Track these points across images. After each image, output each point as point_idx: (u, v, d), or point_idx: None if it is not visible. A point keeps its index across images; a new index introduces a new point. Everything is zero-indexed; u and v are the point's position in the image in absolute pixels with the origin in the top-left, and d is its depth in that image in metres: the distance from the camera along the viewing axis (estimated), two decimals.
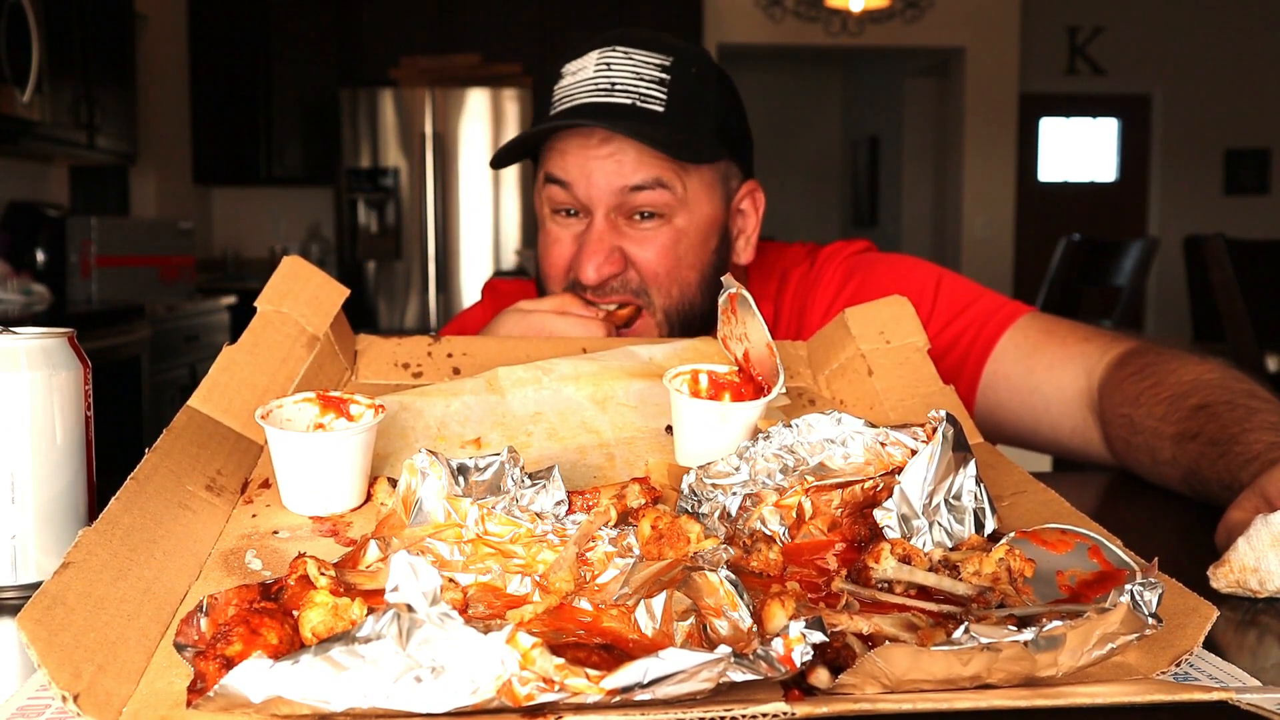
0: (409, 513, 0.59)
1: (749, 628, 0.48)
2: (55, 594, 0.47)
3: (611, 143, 1.02)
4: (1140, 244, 3.62)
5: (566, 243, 1.07)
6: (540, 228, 1.12)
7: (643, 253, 1.05)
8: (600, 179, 1.03)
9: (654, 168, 1.03)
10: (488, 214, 5.10)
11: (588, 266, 1.03)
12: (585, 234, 1.05)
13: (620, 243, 1.04)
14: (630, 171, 1.03)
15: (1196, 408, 0.85)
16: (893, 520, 0.58)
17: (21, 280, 3.45)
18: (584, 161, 1.03)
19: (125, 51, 4.22)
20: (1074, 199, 7.49)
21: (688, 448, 0.72)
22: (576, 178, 1.04)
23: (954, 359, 1.09)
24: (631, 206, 1.04)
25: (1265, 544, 0.61)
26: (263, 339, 0.78)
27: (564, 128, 1.04)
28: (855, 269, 1.16)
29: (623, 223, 1.05)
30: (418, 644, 0.40)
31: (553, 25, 5.37)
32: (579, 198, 1.04)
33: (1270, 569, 0.61)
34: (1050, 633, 0.44)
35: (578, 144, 1.04)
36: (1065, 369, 1.02)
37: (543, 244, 1.10)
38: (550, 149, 1.06)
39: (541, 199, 1.09)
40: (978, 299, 1.10)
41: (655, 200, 1.03)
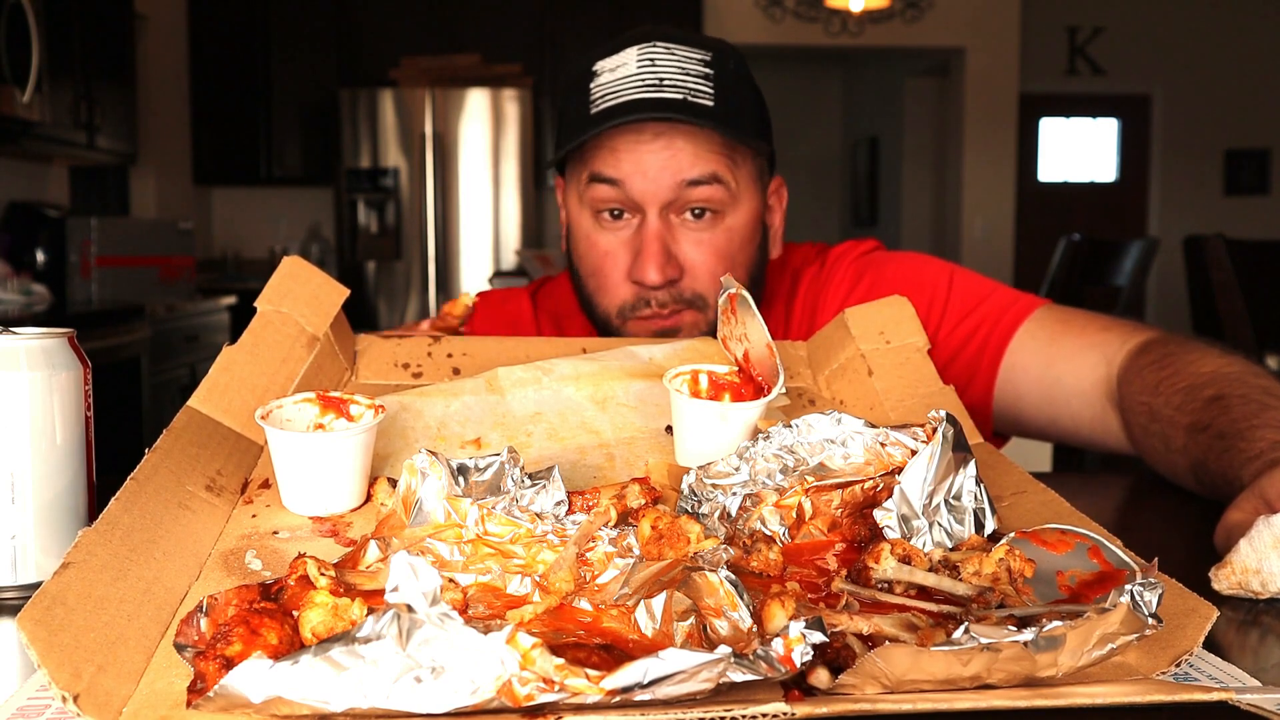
0: (409, 513, 0.59)
1: (749, 628, 0.48)
2: (55, 594, 0.47)
3: (664, 137, 1.01)
4: (1140, 244, 3.62)
5: (620, 250, 1.05)
6: (578, 235, 1.09)
7: (697, 255, 1.04)
8: (655, 175, 1.01)
9: (710, 162, 1.02)
10: (487, 214, 5.10)
11: (650, 269, 1.01)
12: (640, 235, 1.03)
13: (673, 246, 1.03)
14: (688, 166, 1.01)
15: (1211, 399, 0.84)
16: (893, 520, 0.58)
17: (21, 280, 3.45)
18: (638, 157, 1.01)
19: (125, 51, 4.23)
20: (1074, 199, 7.49)
21: (688, 448, 0.72)
22: (629, 174, 1.02)
23: (970, 354, 1.08)
24: (685, 203, 1.02)
25: (1267, 545, 0.61)
26: (263, 339, 0.78)
27: (621, 125, 1.01)
28: (866, 268, 1.15)
29: (675, 221, 1.04)
30: (418, 644, 0.40)
31: (553, 25, 5.37)
32: (631, 195, 1.02)
33: (1272, 570, 0.61)
34: (1050, 633, 0.44)
35: (629, 140, 1.02)
36: (1085, 358, 1.01)
37: (589, 255, 1.08)
38: (596, 148, 1.04)
39: (581, 202, 1.07)
40: (991, 293, 1.10)
41: (711, 196, 1.02)
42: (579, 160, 1.06)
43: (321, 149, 5.29)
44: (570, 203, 1.10)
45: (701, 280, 1.04)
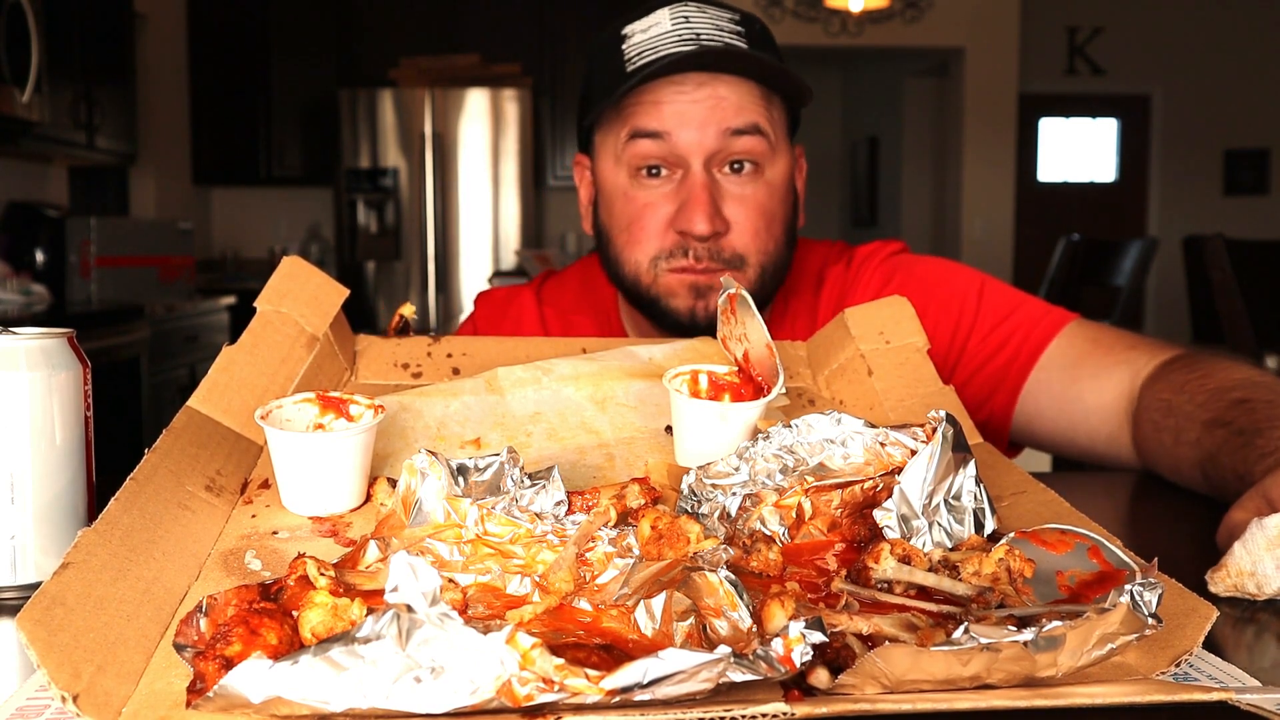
0: (409, 513, 0.59)
1: (749, 628, 0.48)
2: (55, 594, 0.47)
3: (708, 87, 1.01)
4: (1139, 244, 3.62)
5: (660, 202, 1.04)
6: (611, 196, 1.08)
7: (740, 212, 1.03)
8: (700, 124, 1.01)
9: (753, 111, 1.02)
10: (487, 214, 5.10)
11: (698, 217, 1.00)
12: (685, 186, 1.03)
13: (719, 200, 1.03)
14: (732, 114, 1.01)
15: (1237, 400, 0.84)
16: (892, 520, 0.58)
17: (21, 280, 3.45)
18: (681, 109, 1.01)
19: (125, 51, 4.22)
20: (1073, 199, 7.50)
21: (688, 448, 0.72)
22: (674, 126, 1.01)
23: (997, 366, 1.08)
24: (728, 154, 1.02)
25: (1261, 547, 0.61)
26: (262, 339, 0.78)
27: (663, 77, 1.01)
28: (895, 270, 1.15)
29: (718, 175, 1.03)
30: (417, 644, 0.40)
31: (552, 25, 5.37)
32: (675, 148, 1.02)
33: (1267, 572, 0.61)
34: (1050, 633, 0.44)
35: (672, 92, 1.02)
36: (1110, 375, 1.01)
37: (625, 209, 1.06)
38: (636, 104, 1.03)
39: (616, 162, 1.06)
40: (1021, 305, 1.10)
41: (753, 147, 1.02)
42: (616, 120, 1.06)
43: (321, 149, 5.29)
44: (603, 166, 1.09)
45: (744, 238, 1.04)
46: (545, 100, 5.38)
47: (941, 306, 1.11)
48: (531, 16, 5.35)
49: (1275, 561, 0.61)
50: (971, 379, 1.09)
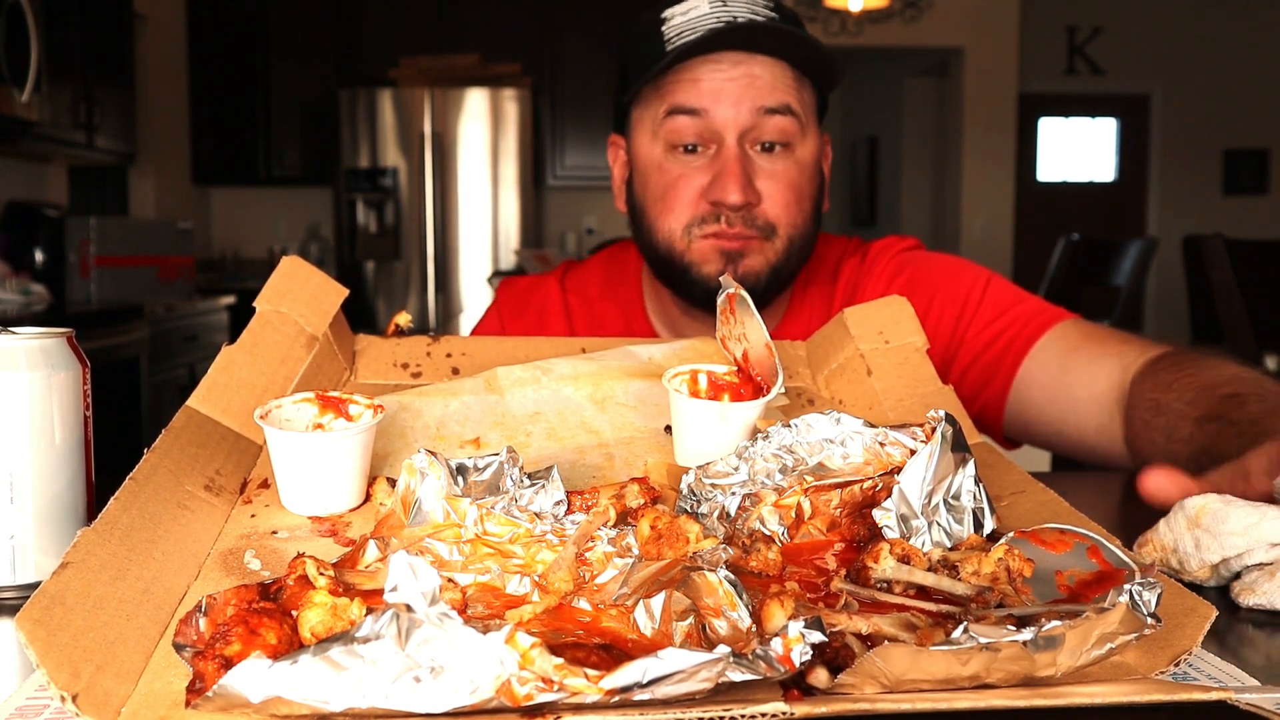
0: (408, 513, 0.59)
1: (748, 627, 0.48)
2: (54, 594, 0.47)
3: (744, 65, 1.04)
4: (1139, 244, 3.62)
5: (694, 174, 1.07)
6: (646, 169, 1.10)
7: (771, 185, 1.06)
8: (734, 100, 1.04)
9: (785, 92, 1.05)
10: (487, 214, 5.10)
11: (732, 188, 1.03)
12: (719, 159, 1.05)
13: (751, 173, 1.05)
14: (766, 93, 1.04)
15: (1228, 396, 0.85)
16: (891, 520, 0.58)
17: (20, 280, 3.45)
18: (718, 85, 1.04)
19: (124, 51, 4.22)
20: (1073, 199, 7.50)
21: (687, 448, 0.72)
22: (709, 103, 1.04)
23: (992, 356, 1.10)
24: (761, 133, 1.05)
25: (1181, 527, 0.63)
26: (262, 339, 0.78)
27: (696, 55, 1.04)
28: (905, 265, 1.17)
29: (750, 152, 1.06)
30: (417, 644, 0.40)
31: (552, 25, 5.37)
32: (712, 123, 1.05)
33: (1186, 551, 0.62)
34: (1049, 632, 0.44)
35: (709, 70, 1.05)
36: (1101, 366, 1.03)
37: (659, 181, 1.09)
38: (675, 82, 1.06)
39: (653, 138, 1.08)
40: (1022, 300, 1.12)
41: (785, 127, 1.05)
42: (654, 97, 1.08)
43: (321, 149, 5.29)
44: (639, 142, 1.11)
45: (776, 209, 1.06)
46: (545, 100, 5.38)
47: (947, 299, 1.13)
48: (531, 16, 5.35)
49: (1194, 541, 0.62)
50: (968, 370, 1.11)
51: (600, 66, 5.34)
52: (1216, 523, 0.61)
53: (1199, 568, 0.63)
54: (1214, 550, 0.61)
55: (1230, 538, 0.61)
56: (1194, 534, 0.62)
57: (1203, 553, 0.62)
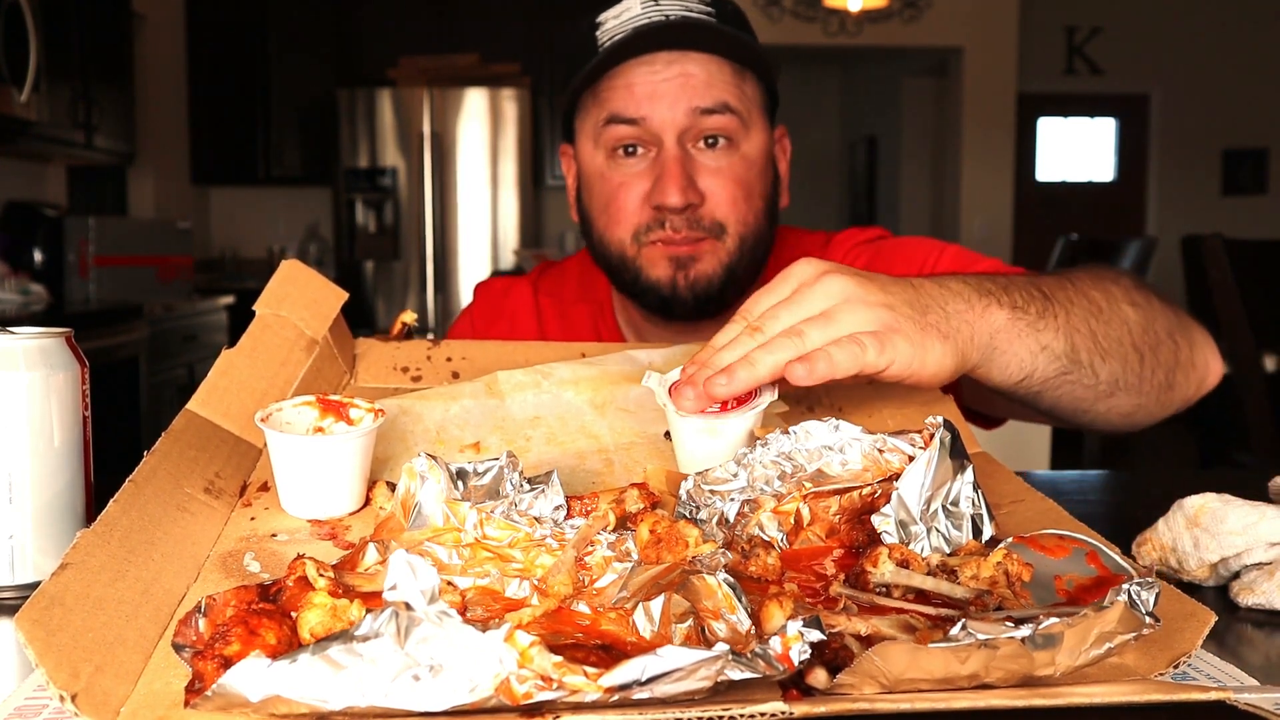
0: (408, 516, 0.59)
1: (747, 630, 0.48)
2: (53, 594, 0.47)
3: (677, 64, 1.03)
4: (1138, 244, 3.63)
5: (635, 180, 1.05)
6: (590, 179, 1.09)
7: (716, 183, 1.04)
8: (669, 102, 1.02)
9: (721, 90, 1.03)
10: (486, 214, 5.10)
11: (671, 191, 1.01)
12: (658, 161, 1.04)
13: (693, 173, 1.04)
14: (701, 92, 1.02)
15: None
16: (890, 526, 0.58)
17: (19, 280, 3.45)
18: (653, 87, 1.03)
19: (123, 51, 4.22)
20: (1072, 199, 7.50)
21: (686, 457, 0.72)
22: (644, 107, 1.03)
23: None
24: (700, 131, 1.03)
25: (1180, 526, 0.63)
26: (261, 342, 0.78)
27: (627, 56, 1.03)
28: (863, 254, 1.16)
29: (692, 150, 1.04)
30: (416, 642, 0.40)
31: (551, 25, 5.37)
32: (648, 128, 1.03)
33: (1185, 550, 0.62)
34: (1048, 630, 0.44)
35: (643, 73, 1.03)
36: None
37: (602, 190, 1.07)
38: (610, 87, 1.05)
39: (594, 146, 1.07)
40: (977, 261, 1.11)
41: (724, 125, 1.03)
42: (593, 105, 1.07)
43: (320, 149, 5.29)
44: (583, 151, 1.10)
45: (722, 207, 1.04)
46: (544, 100, 5.38)
47: (905, 270, 1.11)
48: (531, 16, 5.35)
49: (1193, 540, 0.62)
50: None
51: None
52: (1215, 522, 0.61)
53: (1198, 567, 0.63)
54: (1213, 550, 0.62)
55: (1229, 537, 0.61)
56: (1193, 533, 0.62)
57: (1202, 552, 0.62)
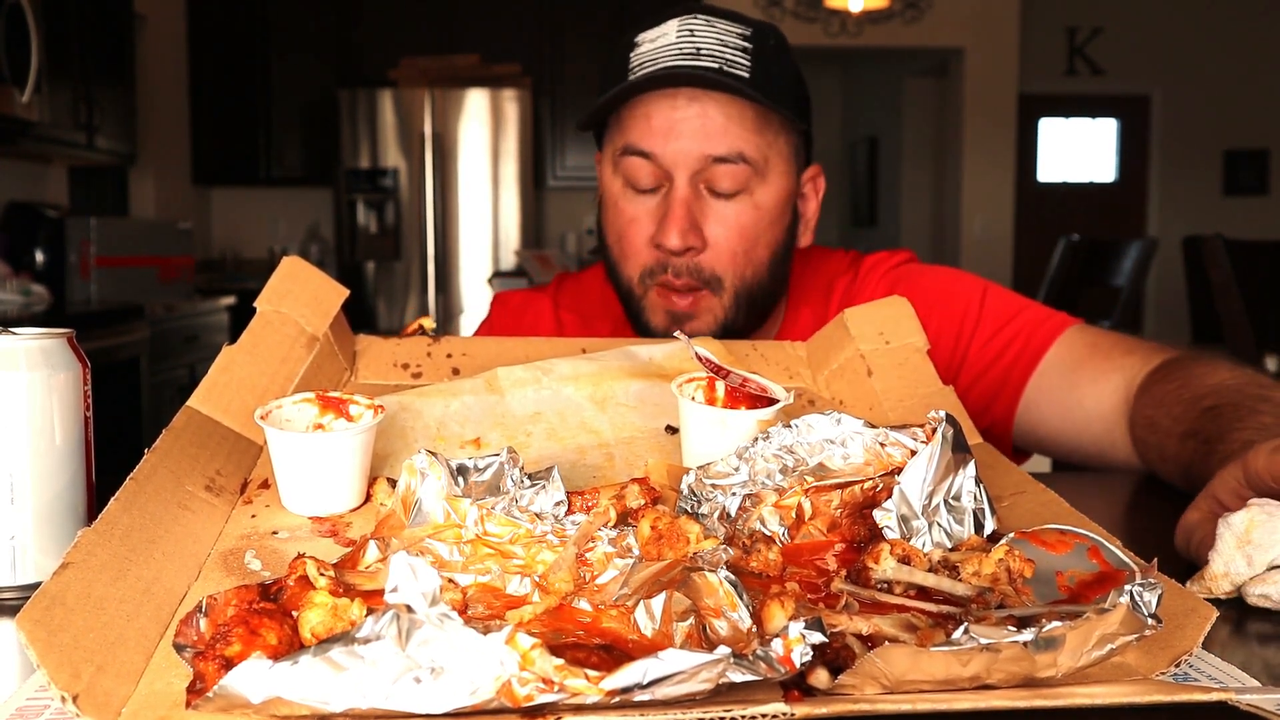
0: (408, 513, 0.59)
1: (748, 628, 0.48)
2: (54, 594, 0.47)
3: (698, 104, 1.02)
4: (1139, 244, 3.63)
5: (644, 218, 1.05)
6: (607, 204, 1.09)
7: (720, 231, 1.04)
8: (684, 142, 1.02)
9: (739, 139, 1.02)
10: (487, 214, 5.10)
11: (672, 232, 1.01)
12: (666, 200, 1.04)
13: (699, 217, 1.03)
14: (716, 139, 1.02)
15: (1207, 409, 0.85)
16: (892, 521, 0.58)
17: (21, 280, 3.45)
18: (671, 124, 1.02)
19: (124, 52, 4.23)
20: (1073, 199, 7.50)
21: (695, 451, 0.72)
22: (659, 143, 1.02)
23: (999, 371, 1.08)
24: (711, 179, 1.03)
25: (1231, 546, 0.61)
26: (262, 339, 0.78)
27: (651, 89, 1.02)
28: (899, 281, 1.15)
29: (704, 192, 1.04)
30: (417, 644, 0.40)
31: (553, 25, 5.37)
32: (662, 164, 1.03)
33: (1240, 570, 0.61)
34: (1050, 633, 0.44)
35: (664, 106, 1.03)
36: (1108, 382, 1.01)
37: (615, 221, 1.08)
38: (631, 115, 1.05)
39: (614, 170, 1.07)
40: (1023, 310, 1.10)
41: (736, 175, 1.03)
42: (616, 129, 1.07)
43: (321, 149, 5.29)
44: (604, 172, 1.10)
45: (722, 260, 1.04)
46: (545, 100, 5.38)
47: (944, 315, 1.11)
48: (531, 16, 5.35)
49: (1245, 558, 0.61)
50: (973, 386, 1.09)
51: (600, 67, 5.34)
52: (1267, 534, 0.60)
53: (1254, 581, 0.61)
54: (1264, 562, 0.60)
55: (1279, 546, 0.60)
56: (1245, 551, 0.61)
57: (1255, 568, 0.61)
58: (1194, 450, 0.82)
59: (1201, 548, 0.64)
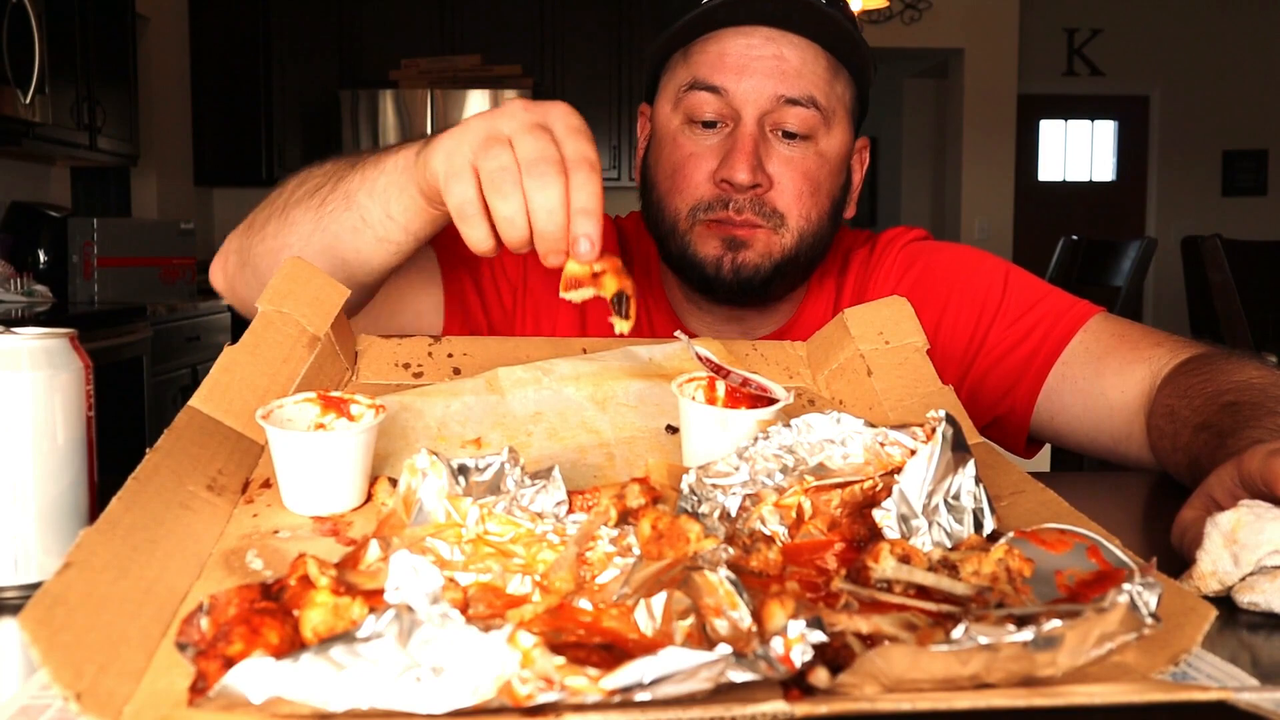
0: (409, 512, 0.59)
1: (748, 627, 0.48)
2: (57, 594, 0.47)
3: (775, 44, 1.00)
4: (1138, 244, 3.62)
5: (705, 153, 1.02)
6: (662, 140, 1.06)
7: (785, 172, 1.02)
8: (758, 80, 0.99)
9: (812, 82, 1.01)
10: None
11: (741, 166, 0.98)
12: (732, 138, 1.01)
13: (765, 157, 1.01)
14: (791, 80, 1.00)
15: (1227, 404, 0.83)
16: (892, 520, 0.58)
17: (24, 281, 3.46)
18: (745, 61, 1.00)
19: (127, 53, 4.23)
20: (1072, 200, 7.50)
21: (695, 450, 0.72)
22: (731, 79, 1.00)
23: (1020, 356, 1.06)
24: (780, 120, 1.01)
25: (1218, 545, 0.61)
26: (264, 339, 0.78)
27: (729, 24, 1.00)
28: (916, 257, 1.13)
29: (769, 134, 1.02)
30: (418, 644, 0.40)
31: (553, 26, 5.37)
32: (730, 101, 1.00)
33: (1226, 569, 0.61)
34: (1049, 633, 0.44)
35: (742, 43, 1.00)
36: (1133, 372, 0.99)
37: (672, 155, 1.04)
38: (703, 50, 1.02)
39: (673, 108, 1.05)
40: (1047, 295, 1.08)
41: (805, 119, 1.01)
42: (682, 65, 1.05)
43: (323, 150, 5.24)
44: (661, 111, 1.08)
45: (786, 196, 1.02)
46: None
47: (964, 294, 1.09)
48: (531, 17, 5.35)
49: (1232, 557, 0.61)
50: (993, 369, 1.07)
51: (600, 67, 5.34)
52: (1254, 534, 0.60)
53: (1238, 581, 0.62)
54: (1251, 561, 0.61)
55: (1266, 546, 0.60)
56: (1231, 550, 0.61)
57: (1242, 568, 0.61)
58: (1205, 442, 0.81)
59: (1192, 546, 0.64)
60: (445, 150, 0.77)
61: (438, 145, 0.78)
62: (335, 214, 0.90)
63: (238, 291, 1.04)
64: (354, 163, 0.92)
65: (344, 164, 0.93)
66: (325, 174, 0.94)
